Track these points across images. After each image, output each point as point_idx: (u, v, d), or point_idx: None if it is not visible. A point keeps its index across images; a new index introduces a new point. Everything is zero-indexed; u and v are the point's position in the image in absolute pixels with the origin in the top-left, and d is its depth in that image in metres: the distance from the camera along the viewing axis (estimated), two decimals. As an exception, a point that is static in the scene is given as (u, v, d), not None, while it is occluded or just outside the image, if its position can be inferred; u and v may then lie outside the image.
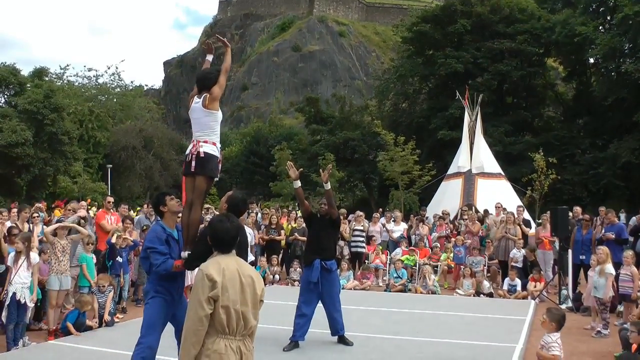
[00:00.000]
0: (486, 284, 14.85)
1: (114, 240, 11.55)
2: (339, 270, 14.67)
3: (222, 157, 6.96)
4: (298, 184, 9.25)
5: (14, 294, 8.90)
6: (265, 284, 15.53)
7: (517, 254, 15.49)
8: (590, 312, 11.31)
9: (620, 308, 11.48)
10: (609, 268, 10.52)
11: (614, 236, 13.30)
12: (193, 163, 6.59)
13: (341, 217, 13.19)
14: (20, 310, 9.01)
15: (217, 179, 6.90)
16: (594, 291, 10.68)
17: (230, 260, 4.44)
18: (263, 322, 5.79)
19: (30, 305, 9.33)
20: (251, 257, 8.50)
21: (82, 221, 11.96)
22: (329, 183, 9.17)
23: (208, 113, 6.70)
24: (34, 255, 9.38)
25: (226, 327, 4.26)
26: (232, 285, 4.29)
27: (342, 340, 9.10)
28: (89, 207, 15.39)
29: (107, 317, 10.37)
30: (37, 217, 11.77)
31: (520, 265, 15.21)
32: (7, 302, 8.88)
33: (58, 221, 11.37)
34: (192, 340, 4.26)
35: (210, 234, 4.62)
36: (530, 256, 15.31)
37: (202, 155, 6.58)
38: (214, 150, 6.69)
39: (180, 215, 6.82)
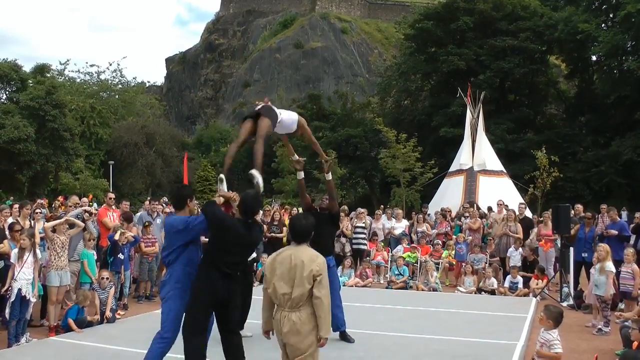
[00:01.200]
0: (493, 280, 14.84)
1: (117, 237, 11.55)
2: (341, 267, 14.69)
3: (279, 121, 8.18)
4: (302, 175, 9.23)
5: (19, 290, 8.91)
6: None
7: (514, 253, 15.47)
8: (592, 309, 11.31)
9: (622, 306, 11.47)
10: (609, 266, 10.52)
11: (616, 232, 13.33)
12: (260, 106, 8.07)
13: (342, 214, 13.19)
14: (23, 306, 9.01)
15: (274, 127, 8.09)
16: (594, 289, 10.68)
17: (290, 248, 5.56)
18: (261, 318, 5.81)
19: (33, 300, 9.33)
20: (253, 255, 8.51)
21: (87, 215, 11.97)
22: (330, 173, 9.14)
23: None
24: (39, 252, 9.40)
25: (275, 298, 5.44)
26: (280, 267, 5.42)
27: (344, 337, 9.08)
28: (90, 204, 15.34)
29: (108, 313, 10.37)
30: (39, 213, 11.76)
31: (519, 264, 15.19)
32: (12, 299, 8.87)
33: (57, 218, 11.36)
34: (262, 306, 5.71)
35: (290, 227, 5.81)
36: (530, 256, 15.29)
37: (269, 103, 8.10)
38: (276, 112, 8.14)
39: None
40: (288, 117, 8.48)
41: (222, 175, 7.36)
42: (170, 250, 6.47)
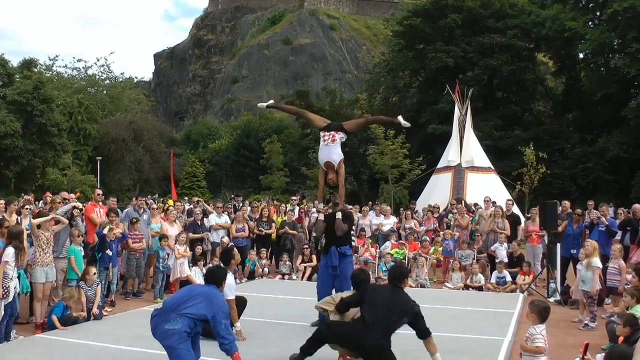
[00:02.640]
0: (481, 276, 14.90)
1: (105, 231, 11.50)
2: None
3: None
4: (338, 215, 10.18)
5: (15, 288, 8.86)
6: (254, 277, 15.43)
7: (499, 248, 15.51)
8: (578, 305, 11.37)
9: (608, 301, 11.55)
10: (596, 262, 10.58)
11: (607, 222, 13.52)
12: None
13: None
14: (13, 302, 8.97)
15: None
16: (581, 284, 10.74)
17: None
18: (249, 315, 5.81)
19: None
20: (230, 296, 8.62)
21: (77, 211, 11.90)
22: (339, 213, 10.07)
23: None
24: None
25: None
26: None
27: None
28: (76, 200, 15.21)
29: (95, 310, 10.32)
30: (27, 209, 11.70)
31: (506, 260, 15.23)
32: (10, 299, 8.78)
33: (44, 214, 11.27)
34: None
35: (352, 278, 8.05)
36: (516, 251, 15.32)
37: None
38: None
39: None
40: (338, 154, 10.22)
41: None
42: (191, 304, 6.46)
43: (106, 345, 8.50)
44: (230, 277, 8.87)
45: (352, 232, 17.58)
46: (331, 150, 10.20)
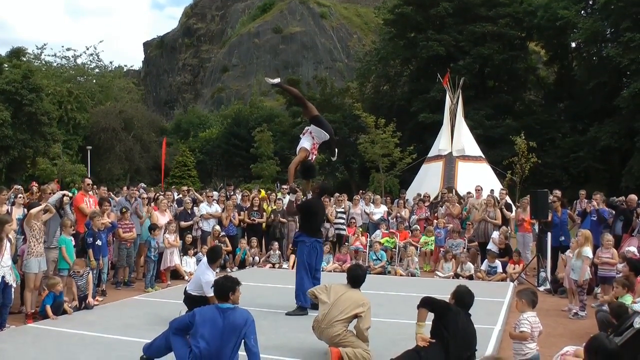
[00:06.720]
0: (470, 265, 14.91)
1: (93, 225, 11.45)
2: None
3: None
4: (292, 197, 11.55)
5: (3, 277, 8.82)
6: (244, 266, 15.41)
7: (497, 238, 15.51)
8: (568, 294, 11.41)
9: (597, 290, 11.59)
10: (586, 251, 10.57)
11: (597, 209, 13.65)
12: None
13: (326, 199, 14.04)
14: (7, 292, 8.96)
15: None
16: (571, 273, 10.76)
17: (343, 288, 7.48)
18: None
19: (14, 286, 9.21)
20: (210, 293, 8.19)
21: (67, 198, 11.85)
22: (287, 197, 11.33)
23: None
24: (12, 237, 9.29)
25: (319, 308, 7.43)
26: (333, 297, 7.28)
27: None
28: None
29: (90, 299, 10.33)
30: (21, 199, 11.65)
31: (497, 250, 15.21)
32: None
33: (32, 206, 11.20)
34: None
35: (349, 275, 7.62)
36: (502, 243, 15.29)
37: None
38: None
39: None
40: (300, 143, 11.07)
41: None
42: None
43: (98, 334, 8.49)
44: (211, 274, 8.76)
45: (344, 220, 17.81)
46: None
